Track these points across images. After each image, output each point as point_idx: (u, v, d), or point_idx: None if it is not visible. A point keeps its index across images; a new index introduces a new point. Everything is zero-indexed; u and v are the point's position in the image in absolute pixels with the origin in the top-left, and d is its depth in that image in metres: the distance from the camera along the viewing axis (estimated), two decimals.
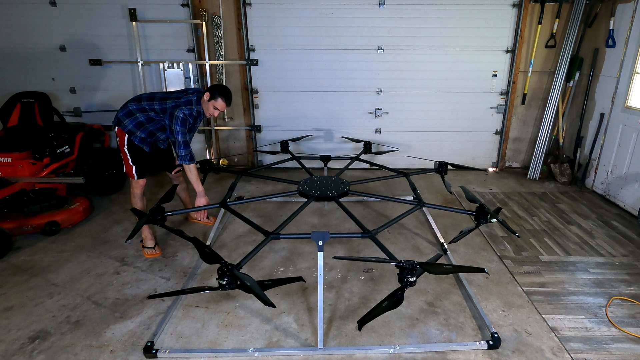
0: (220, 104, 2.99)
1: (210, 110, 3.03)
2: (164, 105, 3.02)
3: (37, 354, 2.20)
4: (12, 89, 4.38)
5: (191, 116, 3.01)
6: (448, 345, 2.25)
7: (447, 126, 5.17)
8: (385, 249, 2.36)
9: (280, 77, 4.96)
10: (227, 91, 3.02)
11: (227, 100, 3.03)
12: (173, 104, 3.01)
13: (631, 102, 4.08)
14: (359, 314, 2.47)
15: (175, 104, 2.99)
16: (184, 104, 2.99)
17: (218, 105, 2.99)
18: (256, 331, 2.37)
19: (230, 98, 3.06)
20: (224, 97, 2.99)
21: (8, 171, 3.51)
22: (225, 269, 2.03)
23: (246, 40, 4.79)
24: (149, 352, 2.17)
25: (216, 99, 2.98)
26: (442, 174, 3.47)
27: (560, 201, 4.30)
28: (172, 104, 3.01)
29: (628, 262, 3.12)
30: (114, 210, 4.02)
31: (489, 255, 3.23)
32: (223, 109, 3.06)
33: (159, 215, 2.63)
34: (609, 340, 2.33)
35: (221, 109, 3.03)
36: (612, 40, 4.24)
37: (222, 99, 2.98)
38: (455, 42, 4.79)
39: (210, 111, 3.03)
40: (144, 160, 3.18)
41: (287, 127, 5.16)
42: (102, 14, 4.64)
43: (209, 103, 3.00)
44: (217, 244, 3.38)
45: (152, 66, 4.87)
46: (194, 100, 3.03)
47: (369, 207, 4.12)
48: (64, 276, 2.91)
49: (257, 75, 4.97)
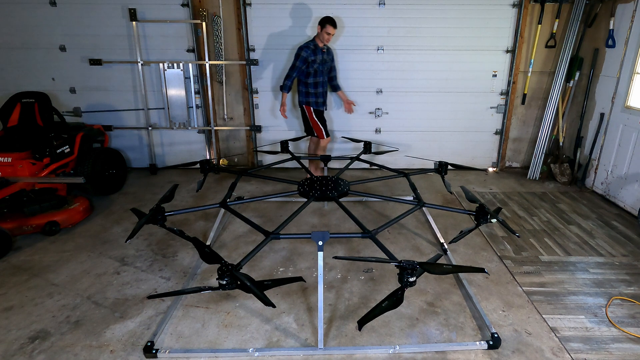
0: (329, 29, 3.85)
1: (324, 37, 3.93)
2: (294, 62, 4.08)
3: (37, 354, 2.20)
4: (12, 89, 4.39)
5: (308, 49, 4.00)
6: (448, 345, 2.25)
7: (447, 126, 5.17)
8: (385, 249, 2.36)
9: (280, 77, 4.95)
10: (330, 17, 3.93)
11: (333, 23, 3.87)
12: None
13: (631, 102, 4.08)
14: (359, 314, 2.47)
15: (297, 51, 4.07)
16: (303, 46, 4.03)
17: (329, 30, 3.86)
18: (256, 331, 2.37)
19: (333, 21, 3.88)
20: (330, 22, 3.83)
21: (8, 171, 3.51)
22: (225, 269, 2.03)
23: (246, 40, 4.79)
24: (149, 352, 2.17)
25: (325, 26, 3.88)
26: (442, 174, 3.47)
27: (560, 201, 4.30)
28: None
29: (628, 262, 3.12)
30: (114, 210, 4.02)
31: (489, 255, 3.23)
32: (333, 32, 3.91)
33: (159, 215, 2.63)
34: (609, 340, 2.33)
35: (332, 32, 3.88)
36: (612, 40, 4.24)
37: (329, 25, 3.83)
38: (455, 42, 4.79)
39: (324, 38, 3.94)
40: (325, 122, 4.42)
41: (287, 127, 5.16)
42: (102, 14, 4.64)
43: (322, 32, 3.91)
44: (217, 244, 3.38)
45: (152, 66, 4.87)
46: (310, 40, 4.08)
47: (369, 207, 4.12)
48: (64, 276, 2.91)
49: (257, 75, 4.97)
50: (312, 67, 4.12)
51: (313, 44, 4.06)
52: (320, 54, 4.11)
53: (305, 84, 4.23)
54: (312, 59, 4.08)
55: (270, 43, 4.82)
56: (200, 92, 4.98)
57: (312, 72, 4.14)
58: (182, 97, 4.91)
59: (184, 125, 5.04)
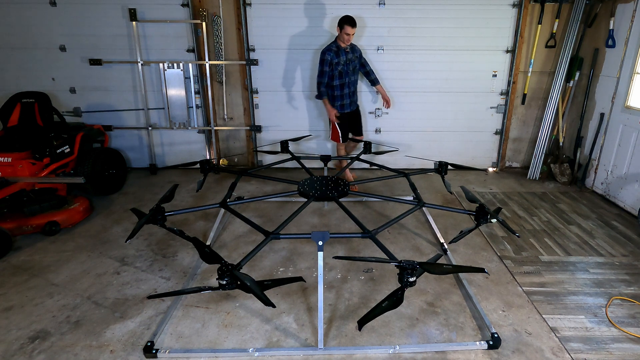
0: (347, 29, 3.74)
1: (344, 38, 3.82)
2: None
3: (37, 354, 2.20)
4: (12, 89, 4.38)
5: (330, 51, 3.92)
6: (448, 345, 2.25)
7: (447, 126, 5.17)
8: (385, 249, 2.36)
9: (280, 77, 4.96)
10: (348, 17, 3.78)
11: (351, 22, 3.74)
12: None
13: (631, 102, 4.08)
14: (359, 314, 2.47)
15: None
16: (325, 49, 3.96)
17: (347, 30, 3.74)
18: (256, 331, 2.37)
19: (351, 20, 3.75)
20: (348, 22, 3.72)
21: (8, 171, 3.51)
22: (225, 269, 2.03)
23: (246, 40, 4.79)
24: (149, 352, 2.17)
25: (343, 27, 3.78)
26: (442, 174, 3.47)
27: (560, 201, 4.30)
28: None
29: (628, 262, 3.12)
30: (114, 210, 4.02)
31: (489, 255, 3.23)
32: (352, 32, 3.77)
33: (159, 215, 2.63)
34: (609, 340, 2.33)
35: (351, 32, 3.75)
36: (612, 40, 4.24)
37: (347, 25, 3.72)
38: (455, 42, 4.78)
39: (344, 39, 3.83)
40: (346, 126, 4.39)
41: (287, 127, 5.16)
42: (102, 14, 4.64)
43: (342, 34, 3.81)
44: (217, 244, 3.38)
45: (152, 66, 4.87)
46: (332, 42, 4.01)
47: (369, 207, 4.12)
48: (64, 276, 2.91)
49: (257, 75, 4.97)
50: (336, 69, 4.04)
51: (335, 45, 4.00)
52: (343, 54, 4.04)
53: (331, 87, 4.15)
54: (336, 61, 4.01)
55: (270, 43, 4.82)
56: (200, 92, 4.98)
57: (336, 75, 4.07)
58: (182, 97, 4.91)
59: (184, 125, 5.04)
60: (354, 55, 4.18)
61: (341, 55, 4.02)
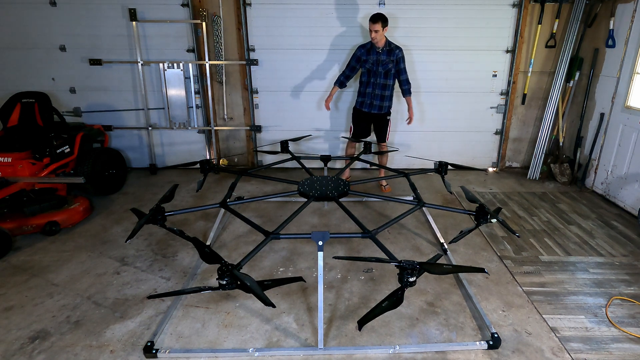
0: (369, 25, 3.88)
1: (371, 36, 3.91)
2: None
3: (37, 354, 2.20)
4: (12, 89, 4.38)
5: (362, 48, 4.10)
6: (448, 345, 2.25)
7: (447, 126, 5.17)
8: (385, 249, 2.36)
9: (280, 77, 4.96)
10: (374, 14, 3.89)
11: (371, 18, 3.86)
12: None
13: (631, 102, 4.08)
14: (359, 314, 2.47)
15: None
16: (360, 45, 4.15)
17: (369, 27, 3.89)
18: (256, 331, 2.37)
19: (371, 16, 3.87)
20: (370, 18, 3.88)
21: (8, 171, 3.51)
22: (225, 269, 2.03)
23: (246, 40, 4.79)
24: (149, 352, 2.17)
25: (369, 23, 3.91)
26: (442, 174, 3.47)
27: (560, 201, 4.30)
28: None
29: (628, 262, 3.13)
30: (114, 210, 4.02)
31: (489, 255, 3.23)
32: (374, 28, 3.85)
33: (159, 215, 2.62)
34: (609, 340, 2.33)
35: (372, 28, 3.85)
36: (612, 40, 4.24)
37: (369, 21, 3.87)
38: (456, 42, 4.78)
39: (371, 37, 3.92)
40: (359, 126, 4.47)
41: (287, 127, 5.16)
42: (102, 14, 4.64)
43: (370, 33, 3.91)
44: (217, 244, 3.38)
45: (152, 66, 4.87)
46: (369, 41, 4.08)
47: (369, 207, 4.12)
48: (64, 276, 2.91)
49: (257, 75, 4.97)
50: (364, 66, 4.13)
51: (370, 43, 4.05)
52: (374, 54, 4.03)
53: (360, 82, 4.29)
54: (365, 59, 4.08)
55: (270, 43, 4.82)
56: (200, 92, 4.98)
57: (364, 72, 4.17)
58: (182, 97, 4.91)
59: (184, 125, 5.04)
60: (389, 58, 4.05)
61: (372, 54, 4.05)
